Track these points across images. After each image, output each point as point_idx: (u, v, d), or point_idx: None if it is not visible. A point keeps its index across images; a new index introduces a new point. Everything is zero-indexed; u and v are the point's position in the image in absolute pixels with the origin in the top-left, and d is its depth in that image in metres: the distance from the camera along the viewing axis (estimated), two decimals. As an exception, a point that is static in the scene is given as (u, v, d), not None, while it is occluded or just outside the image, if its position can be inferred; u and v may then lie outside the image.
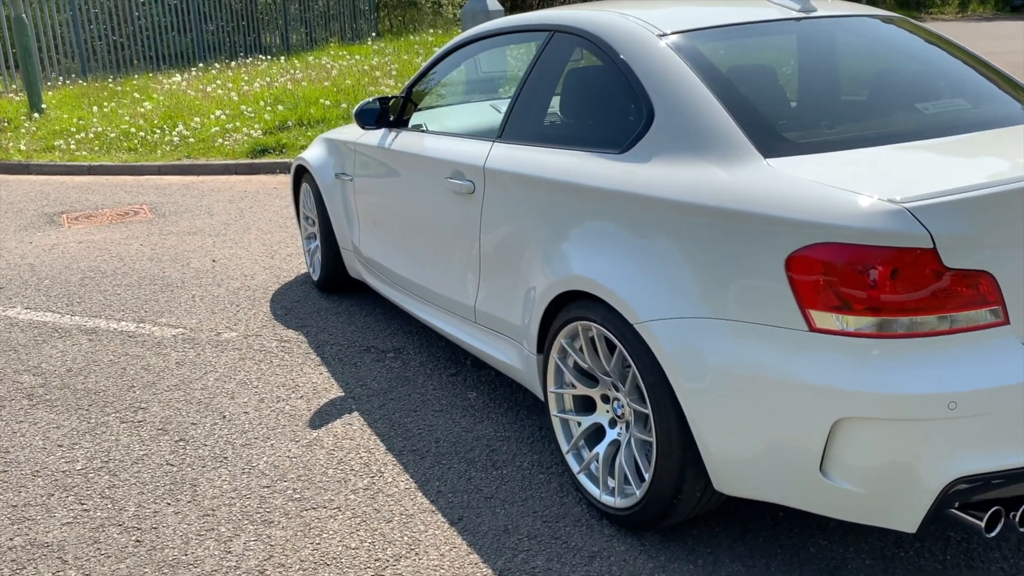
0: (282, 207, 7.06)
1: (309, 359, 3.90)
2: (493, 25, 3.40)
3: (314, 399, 3.50)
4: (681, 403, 2.20)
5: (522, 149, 2.90)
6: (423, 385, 3.59)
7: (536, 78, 2.99)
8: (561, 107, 2.93)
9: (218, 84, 12.41)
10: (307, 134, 9.51)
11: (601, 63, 2.72)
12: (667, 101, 2.42)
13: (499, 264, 3.00)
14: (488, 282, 3.10)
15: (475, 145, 3.17)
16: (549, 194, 2.68)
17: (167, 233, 6.32)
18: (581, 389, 2.65)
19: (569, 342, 2.63)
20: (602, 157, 2.55)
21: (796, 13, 2.78)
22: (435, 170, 3.35)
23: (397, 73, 12.36)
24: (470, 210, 3.12)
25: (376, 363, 3.83)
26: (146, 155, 9.43)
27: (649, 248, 2.30)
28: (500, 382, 3.57)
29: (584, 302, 2.51)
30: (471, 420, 3.26)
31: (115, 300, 4.82)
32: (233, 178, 8.59)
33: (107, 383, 3.73)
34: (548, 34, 3.01)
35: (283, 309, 4.56)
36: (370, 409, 3.39)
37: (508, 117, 3.06)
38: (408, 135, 3.71)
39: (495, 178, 2.96)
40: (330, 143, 4.50)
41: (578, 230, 2.56)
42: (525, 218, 2.81)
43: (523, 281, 2.86)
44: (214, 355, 3.99)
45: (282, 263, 5.41)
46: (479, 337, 3.23)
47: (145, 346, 4.13)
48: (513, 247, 2.90)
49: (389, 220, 3.84)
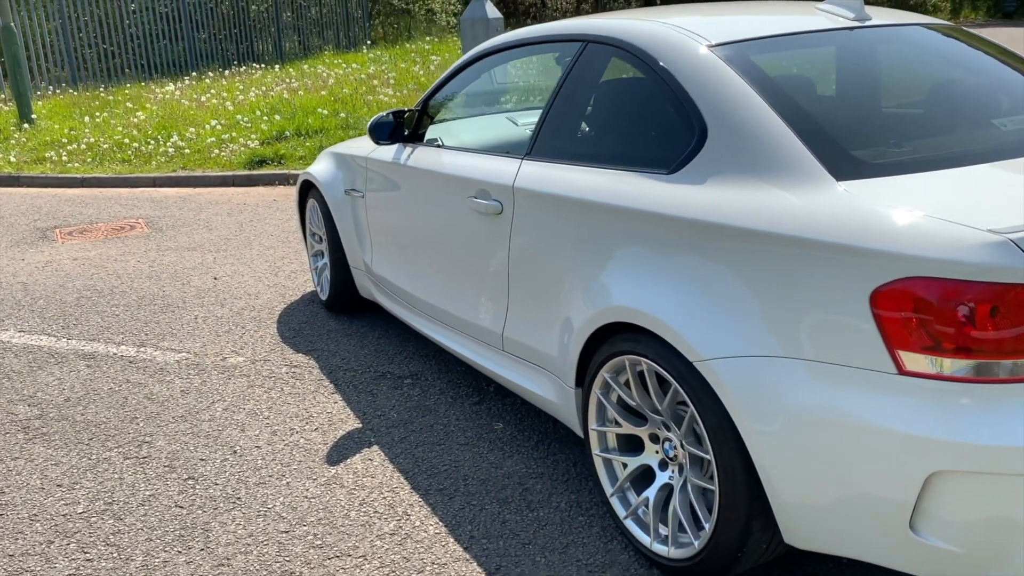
0: (283, 221, 6.86)
1: (322, 386, 3.70)
2: (518, 35, 3.22)
3: (330, 431, 3.30)
4: (749, 448, 2.01)
5: (555, 168, 2.71)
6: (445, 415, 3.39)
7: (568, 92, 2.80)
8: (597, 123, 2.75)
9: (212, 93, 12.19)
10: (305, 144, 9.31)
11: (643, 76, 2.54)
12: (722, 118, 2.24)
13: (530, 290, 2.81)
14: (517, 308, 2.91)
15: (502, 162, 2.98)
16: (588, 217, 2.50)
17: (165, 249, 6.11)
18: (627, 427, 2.46)
19: (613, 377, 2.44)
20: (648, 177, 2.37)
21: (850, 22, 2.60)
22: (457, 188, 3.16)
23: (395, 82, 12.17)
24: (497, 232, 2.93)
25: (393, 390, 3.63)
26: (140, 166, 9.21)
27: (707, 278, 2.11)
28: (527, 412, 3.38)
29: (632, 335, 2.32)
30: (500, 455, 3.07)
31: (114, 322, 4.61)
32: (231, 190, 8.38)
33: (108, 414, 3.52)
34: (581, 44, 2.82)
35: (291, 331, 4.36)
36: (390, 442, 3.19)
37: (538, 133, 2.87)
38: (425, 151, 3.52)
39: (526, 198, 2.78)
40: (339, 158, 4.31)
41: (623, 257, 2.37)
42: (561, 242, 2.62)
43: (559, 309, 2.67)
44: (221, 382, 3.78)
45: (287, 281, 5.21)
46: (507, 366, 3.04)
47: (147, 373, 3.92)
48: (547, 272, 2.71)
49: (405, 239, 3.65)
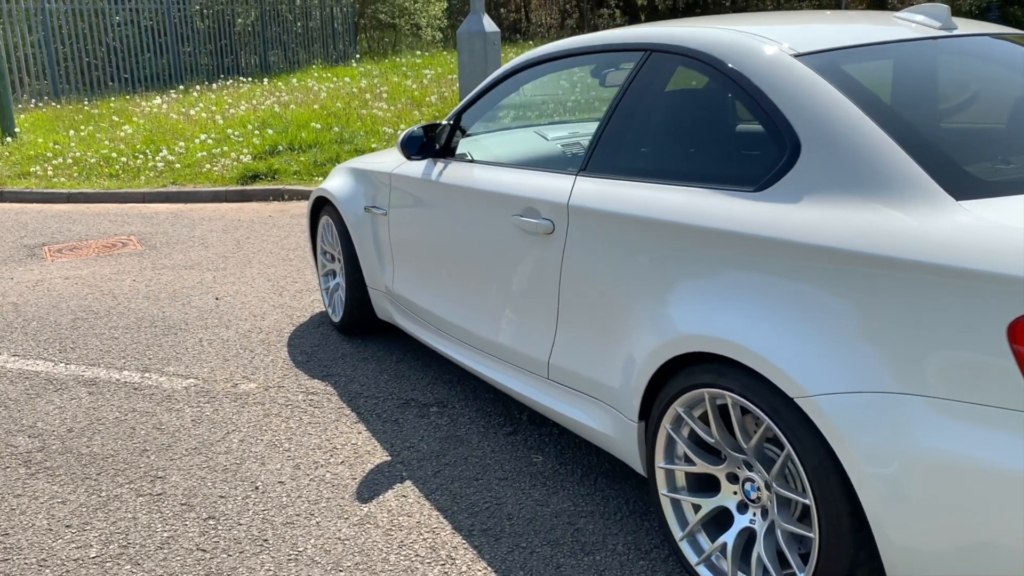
0: (281, 238, 6.63)
1: (343, 415, 3.47)
2: (568, 44, 3.03)
3: (357, 465, 3.08)
4: (859, 493, 1.82)
5: (617, 184, 2.52)
6: (479, 446, 3.18)
7: (630, 104, 2.62)
8: (666, 137, 2.56)
9: (201, 107, 11.94)
10: (299, 159, 9.09)
11: (721, 87, 2.36)
12: (817, 131, 2.06)
13: (584, 315, 2.62)
14: (568, 334, 2.71)
15: (552, 179, 2.79)
16: (660, 237, 2.31)
17: (161, 267, 5.86)
18: (701, 466, 2.27)
19: (687, 411, 2.25)
20: (731, 195, 2.18)
21: (936, 31, 2.44)
22: (499, 206, 2.97)
23: (388, 96, 11.97)
24: (547, 252, 2.74)
25: (420, 419, 3.41)
26: (129, 181, 8.95)
27: (808, 306, 1.93)
28: (566, 443, 3.17)
29: (714, 366, 2.13)
30: (543, 491, 2.86)
31: (113, 345, 4.36)
32: (224, 206, 8.14)
33: (115, 446, 3.28)
34: (643, 54, 2.64)
35: (303, 355, 4.13)
36: (424, 477, 2.97)
37: (594, 147, 2.69)
38: (460, 166, 3.32)
39: (582, 217, 2.58)
40: (358, 173, 4.10)
41: (704, 281, 2.18)
42: (624, 264, 2.43)
43: (620, 336, 2.47)
44: (234, 411, 3.54)
45: (292, 301, 4.98)
46: (552, 395, 2.84)
47: (154, 400, 3.68)
48: (606, 296, 2.51)
49: (434, 260, 3.45)
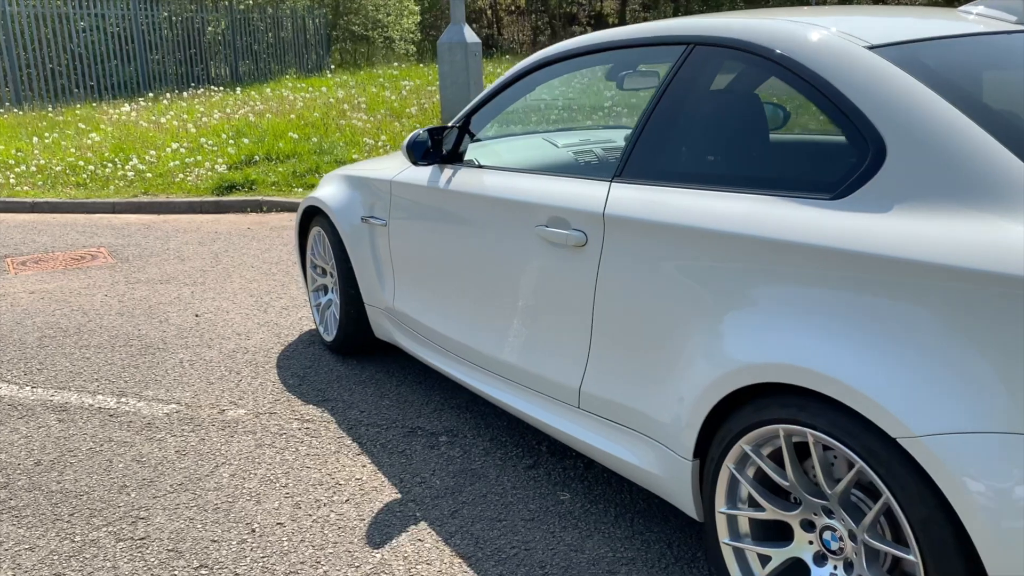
0: (262, 251, 6.30)
1: (344, 446, 3.17)
2: (592, 40, 2.78)
3: (364, 503, 2.78)
4: (980, 550, 1.56)
5: (663, 191, 2.26)
6: (497, 482, 2.89)
7: (672, 103, 2.36)
8: (718, 139, 2.31)
9: (172, 115, 11.55)
10: (277, 170, 8.76)
11: (784, 83, 2.12)
12: (905, 131, 1.82)
13: (624, 337, 2.35)
14: (603, 359, 2.44)
15: (583, 186, 2.52)
16: (720, 252, 2.05)
17: (134, 281, 5.51)
18: (771, 512, 2.00)
19: (755, 449, 1.99)
20: (805, 204, 1.93)
21: (1014, 25, 2.22)
22: (519, 216, 2.70)
23: (367, 106, 11.67)
24: (578, 267, 2.47)
25: (429, 450, 3.12)
26: (97, 191, 8.56)
27: (910, 331, 1.68)
28: (593, 478, 2.90)
29: (792, 399, 1.87)
30: (575, 533, 2.58)
31: (85, 367, 4.01)
32: (199, 217, 7.79)
33: (90, 481, 2.95)
34: (685, 48, 2.39)
35: (295, 377, 3.82)
36: (440, 517, 2.68)
37: (631, 151, 2.43)
38: (472, 172, 3.05)
39: (621, 228, 2.32)
40: (353, 181, 3.81)
41: (776, 302, 1.92)
42: (675, 281, 2.17)
43: (668, 362, 2.21)
44: (222, 441, 3.23)
45: (278, 318, 4.66)
46: (584, 426, 2.56)
47: (132, 429, 3.34)
48: (651, 316, 2.25)
49: (442, 275, 3.17)
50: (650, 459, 2.32)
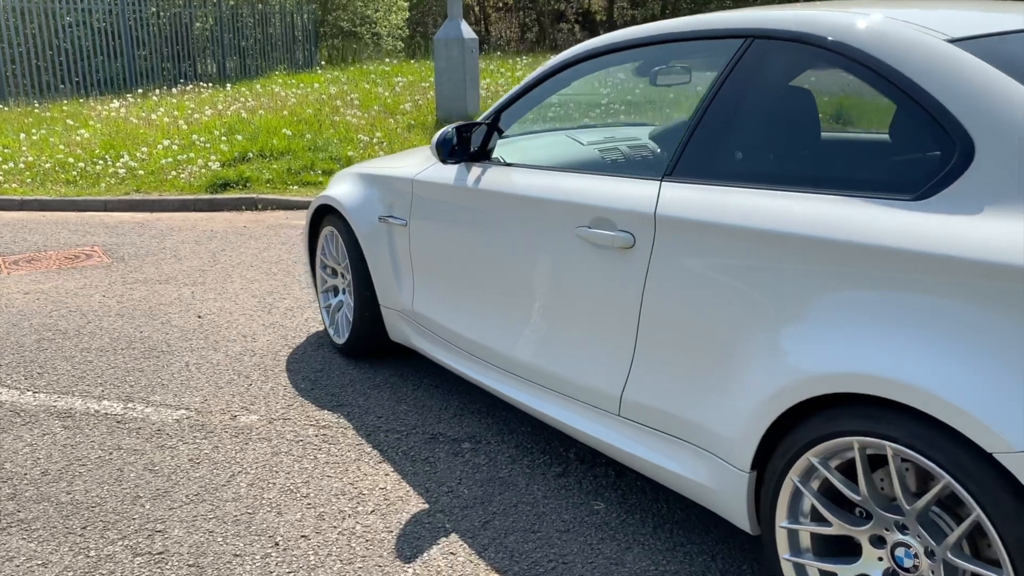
0: (260, 250, 6.17)
1: (364, 453, 3.05)
2: (636, 33, 2.67)
3: (391, 514, 2.66)
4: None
5: (721, 191, 2.16)
6: (527, 491, 2.78)
7: (729, 99, 2.26)
8: (781, 137, 2.21)
9: (162, 111, 11.36)
10: (271, 167, 8.62)
11: (857, 78, 2.02)
12: (996, 130, 1.73)
13: (673, 343, 2.25)
14: (649, 366, 2.34)
15: (629, 185, 2.42)
16: (789, 255, 1.95)
17: (132, 281, 5.36)
18: (839, 527, 1.91)
19: (823, 461, 1.89)
20: (884, 205, 1.83)
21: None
22: (559, 217, 2.59)
23: (360, 103, 11.52)
24: (624, 270, 2.37)
25: (453, 457, 3.01)
26: (88, 188, 8.38)
27: (1005, 339, 1.59)
28: (627, 486, 2.79)
29: (867, 409, 1.77)
30: (614, 546, 2.47)
31: (88, 370, 3.87)
32: (193, 215, 7.64)
33: (102, 492, 2.82)
34: (743, 41, 2.29)
35: (307, 381, 3.69)
36: (471, 529, 2.57)
37: (683, 148, 2.32)
38: (503, 171, 2.94)
39: (674, 229, 2.22)
40: (370, 179, 3.69)
41: (851, 307, 1.83)
42: (733, 285, 2.07)
43: (724, 369, 2.11)
44: (237, 448, 3.10)
45: (283, 319, 4.53)
46: (625, 435, 2.46)
47: (142, 436, 3.21)
48: (705, 322, 2.15)
49: (468, 277, 3.05)
50: (700, 470, 2.23)
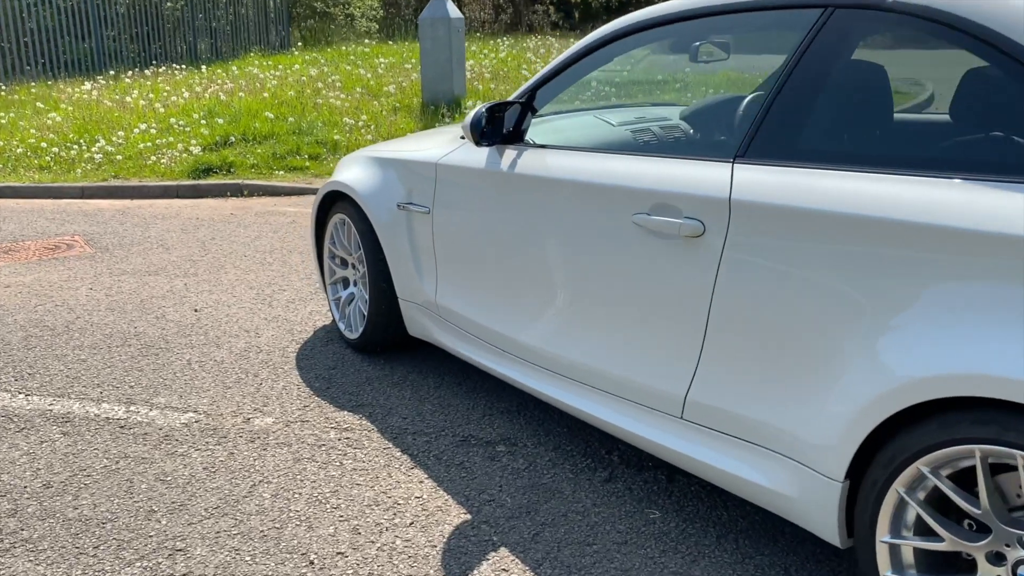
0: (251, 238, 5.91)
1: (393, 458, 2.85)
2: (688, 4, 2.47)
3: (432, 526, 2.47)
4: None
5: (809, 174, 1.97)
6: (574, 498, 2.60)
7: (809, 73, 2.07)
8: (877, 114, 2.03)
9: (136, 94, 10.98)
10: (256, 151, 8.33)
11: (966, 50, 1.84)
12: None
13: (749, 341, 2.07)
14: (719, 365, 2.16)
15: (693, 167, 2.23)
16: (889, 244, 1.78)
17: (119, 273, 5.09)
18: (952, 542, 1.75)
19: (935, 470, 1.73)
20: (1010, 190, 1.66)
21: None
22: (614, 203, 2.40)
23: (342, 85, 11.21)
24: (693, 261, 2.18)
25: (489, 462, 2.82)
26: (63, 174, 8.05)
27: None
28: (681, 491, 2.62)
29: (991, 414, 1.61)
30: (679, 559, 2.30)
31: (82, 370, 3.62)
32: (176, 202, 7.35)
33: (112, 506, 2.59)
34: (821, 11, 2.10)
35: (320, 380, 3.48)
36: (521, 542, 2.39)
37: (758, 128, 2.14)
38: (541, 154, 2.74)
39: (753, 216, 2.03)
40: (385, 163, 3.47)
41: (973, 304, 1.65)
42: (824, 278, 1.90)
43: (811, 371, 1.94)
44: (254, 455, 2.89)
45: (287, 313, 4.31)
46: (688, 438, 2.28)
47: (149, 442, 2.99)
48: (788, 319, 1.98)
49: (503, 268, 2.86)
50: (779, 478, 2.05)
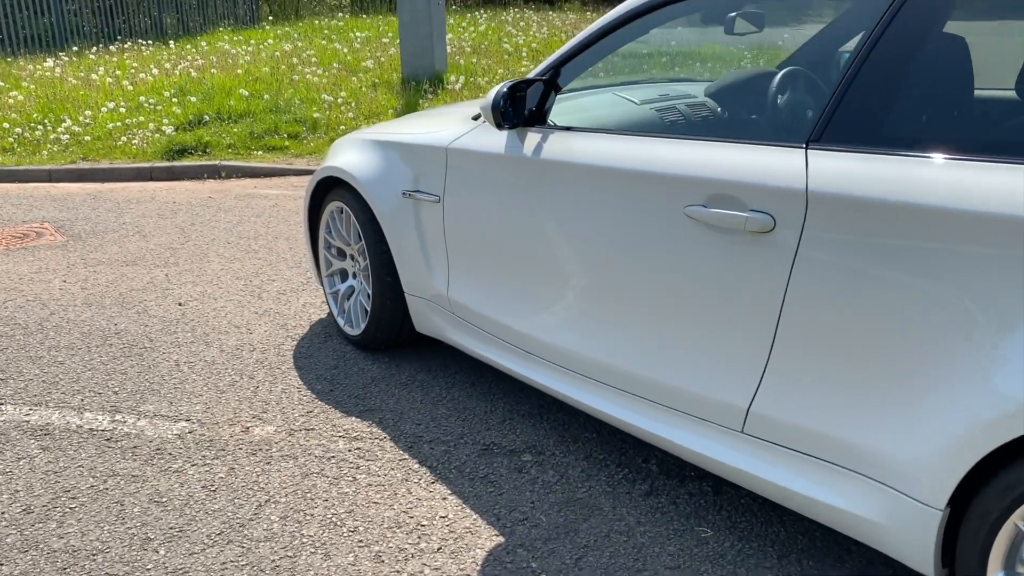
0: (233, 224, 5.60)
1: (410, 471, 2.61)
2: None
3: (462, 551, 2.23)
4: None
5: (905, 163, 1.74)
6: (615, 515, 2.37)
7: (896, 47, 1.84)
8: (957, 92, 1.80)
9: (103, 71, 10.52)
10: (232, 130, 7.97)
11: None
12: None
13: (829, 349, 1.85)
14: (790, 374, 1.94)
15: (756, 153, 1.99)
16: (1013, 244, 1.55)
17: (94, 263, 4.77)
18: (1081, 582, 1.54)
19: (1063, 502, 1.52)
20: None
21: None
22: (662, 194, 2.15)
23: (318, 61, 10.83)
24: (760, 258, 1.95)
25: (517, 474, 2.58)
26: (28, 156, 7.66)
27: None
28: (731, 505, 2.41)
29: None
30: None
31: (60, 374, 3.33)
32: (150, 185, 7.00)
33: (102, 534, 2.33)
34: (908, -24, 1.86)
35: (322, 381, 3.22)
36: (563, 568, 2.16)
37: (834, 109, 1.90)
38: (569, 137, 2.48)
39: (836, 209, 1.80)
40: (386, 147, 3.20)
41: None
42: (926, 282, 1.67)
43: (908, 385, 1.72)
44: (257, 470, 2.63)
45: (278, 306, 4.03)
46: (751, 454, 2.06)
47: (139, 457, 2.72)
48: (880, 326, 1.75)
49: (528, 263, 2.61)
50: (862, 502, 1.84)
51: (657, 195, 2.17)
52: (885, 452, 1.77)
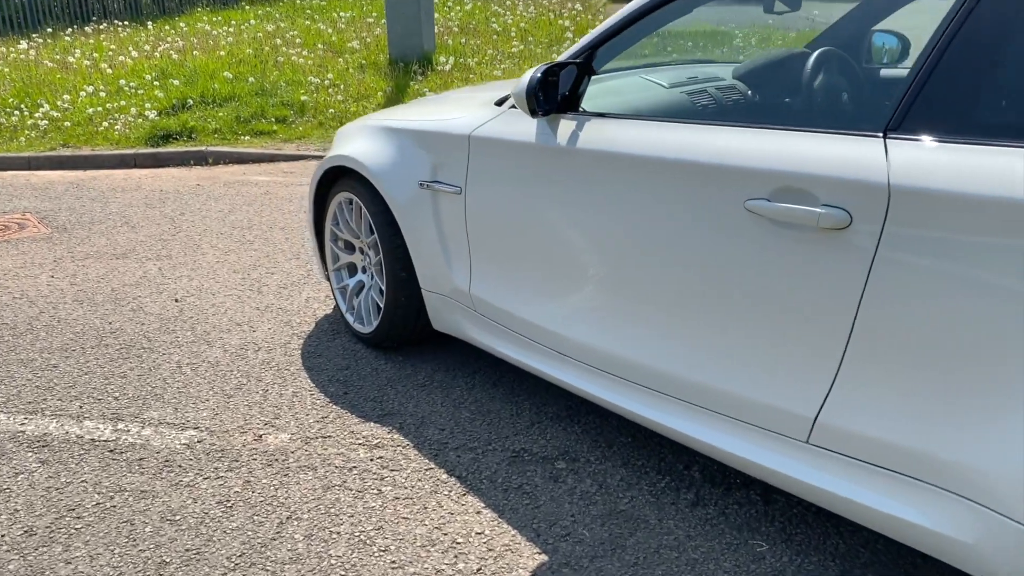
0: (224, 213, 5.40)
1: (439, 482, 2.45)
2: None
3: (503, 572, 2.08)
4: None
5: (1003, 154, 1.59)
6: (662, 528, 2.23)
7: (986, 27, 1.68)
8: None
9: (79, 54, 10.20)
10: (217, 115, 7.73)
11: None
12: None
13: (910, 355, 1.71)
14: (865, 383, 1.80)
15: (828, 142, 1.84)
16: None
17: (82, 257, 4.56)
18: None
19: None
20: None
21: None
22: (720, 186, 2.00)
23: (302, 42, 10.56)
24: (832, 257, 1.80)
25: (553, 484, 2.44)
26: (5, 143, 7.39)
27: None
28: (784, 516, 2.27)
29: None
30: (806, 604, 1.96)
31: (55, 378, 3.14)
32: (135, 172, 6.76)
33: (112, 558, 2.16)
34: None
35: (335, 383, 3.05)
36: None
37: (916, 95, 1.75)
38: (608, 125, 2.32)
39: (922, 205, 1.65)
40: (400, 134, 3.02)
41: None
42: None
43: (1001, 394, 1.58)
44: (275, 483, 2.47)
45: (280, 301, 3.85)
46: (819, 467, 1.92)
47: (147, 471, 2.54)
48: (972, 331, 1.61)
49: (565, 259, 2.45)
50: (947, 519, 1.71)
51: (712, 187, 2.01)
52: (973, 467, 1.64)
